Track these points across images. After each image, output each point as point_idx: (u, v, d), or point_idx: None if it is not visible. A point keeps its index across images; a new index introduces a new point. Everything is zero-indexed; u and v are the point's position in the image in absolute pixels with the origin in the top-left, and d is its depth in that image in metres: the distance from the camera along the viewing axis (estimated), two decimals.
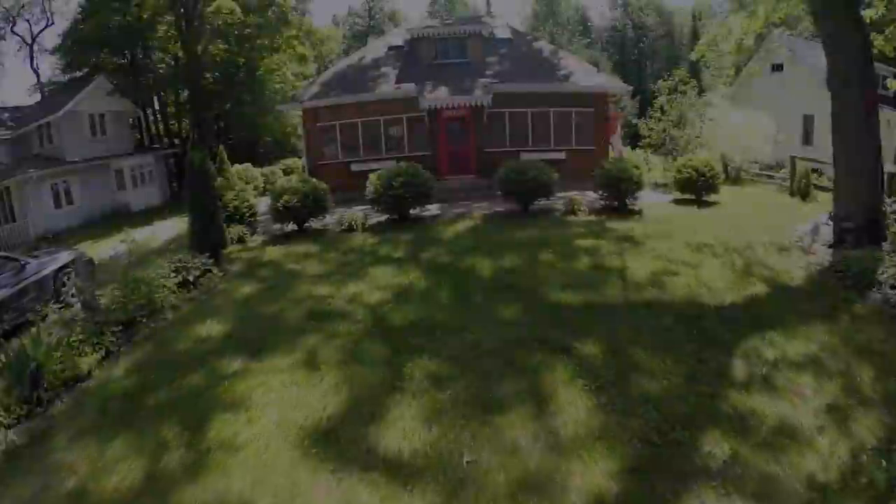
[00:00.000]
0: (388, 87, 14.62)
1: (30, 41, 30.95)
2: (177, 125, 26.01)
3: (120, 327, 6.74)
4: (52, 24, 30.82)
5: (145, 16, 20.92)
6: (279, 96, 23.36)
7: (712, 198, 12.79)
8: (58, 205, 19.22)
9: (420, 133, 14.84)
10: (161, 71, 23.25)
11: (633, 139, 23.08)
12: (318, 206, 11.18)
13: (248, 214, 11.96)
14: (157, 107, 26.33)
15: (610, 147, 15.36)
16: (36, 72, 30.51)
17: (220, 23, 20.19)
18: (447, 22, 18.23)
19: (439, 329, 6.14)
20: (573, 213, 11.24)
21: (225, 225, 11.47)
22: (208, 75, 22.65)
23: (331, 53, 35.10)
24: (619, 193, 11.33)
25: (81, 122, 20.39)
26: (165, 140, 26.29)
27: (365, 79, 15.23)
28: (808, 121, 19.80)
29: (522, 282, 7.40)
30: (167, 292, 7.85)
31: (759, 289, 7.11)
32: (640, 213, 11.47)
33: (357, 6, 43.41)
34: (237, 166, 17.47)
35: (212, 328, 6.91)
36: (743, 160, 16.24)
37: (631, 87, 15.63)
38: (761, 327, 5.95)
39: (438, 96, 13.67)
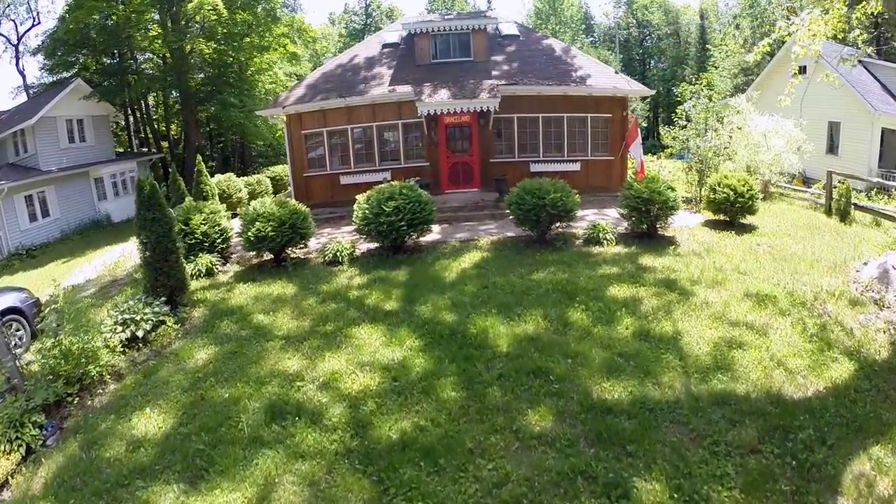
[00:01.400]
0: (381, 89, 12.42)
1: (15, 41, 28.58)
2: (165, 128, 23.71)
3: (44, 416, 5.20)
4: (39, 23, 28.41)
5: (132, 14, 18.51)
6: (271, 97, 21.04)
7: (747, 219, 10.74)
8: (33, 218, 17.10)
9: (418, 141, 12.71)
10: (147, 71, 20.86)
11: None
12: (298, 235, 9.14)
13: (219, 241, 9.91)
14: (143, 109, 23.98)
15: (629, 156, 13.24)
16: (22, 73, 28.27)
17: (202, 20, 17.82)
18: (447, 17, 15.91)
19: (443, 452, 4.15)
20: (598, 241, 9.20)
21: (192, 256, 9.49)
22: (195, 76, 20.31)
23: (327, 52, 32.53)
24: (651, 218, 9.27)
25: (57, 128, 18.17)
26: (153, 143, 24.01)
27: (356, 80, 13.02)
28: (833, 128, 17.46)
29: (551, 362, 5.39)
30: (108, 355, 6.25)
31: (844, 369, 5.22)
32: (674, 241, 9.38)
33: (353, 3, 40.57)
34: (219, 176, 15.34)
35: (150, 424, 5.01)
36: (771, 172, 14.09)
37: (653, 91, 13.36)
38: (861, 436, 4.26)
39: (438, 100, 11.51)
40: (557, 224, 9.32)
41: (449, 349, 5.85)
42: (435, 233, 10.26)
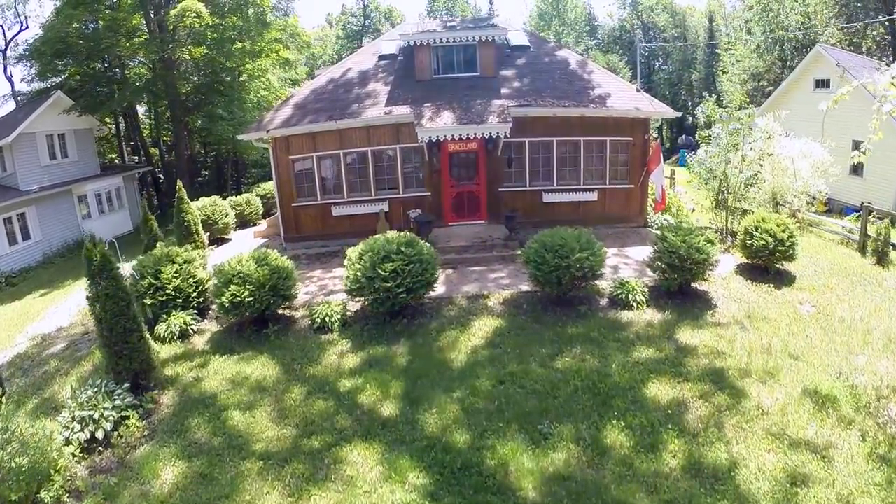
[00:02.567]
0: (377, 110, 10.53)
1: (3, 47, 26.37)
2: (156, 136, 21.72)
3: None
4: (26, 27, 26.08)
5: (120, 19, 16.42)
6: (265, 104, 19.00)
7: (784, 264, 8.95)
8: (13, 241, 15.25)
9: (418, 168, 10.88)
10: (134, 81, 18.79)
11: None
12: (280, 297, 7.40)
13: (195, 295, 8.18)
14: (129, 120, 21.90)
15: (650, 184, 11.38)
16: (10, 80, 26.01)
17: (189, 28, 15.79)
18: (450, 24, 13.85)
19: None
20: (626, 303, 7.48)
21: (164, 314, 7.79)
22: (185, 83, 18.29)
23: (324, 54, 30.28)
24: (686, 275, 7.58)
25: (37, 144, 16.21)
26: (145, 152, 22.00)
27: (349, 99, 11.12)
28: (857, 148, 15.45)
29: None
30: (66, 460, 5.06)
31: None
32: (709, 300, 7.77)
33: (351, 4, 37.92)
34: (203, 200, 13.49)
35: None
36: (800, 202, 12.18)
37: (679, 113, 11.37)
38: None
39: (441, 125, 9.65)
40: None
41: (462, 492, 4.19)
42: (439, 282, 8.53)
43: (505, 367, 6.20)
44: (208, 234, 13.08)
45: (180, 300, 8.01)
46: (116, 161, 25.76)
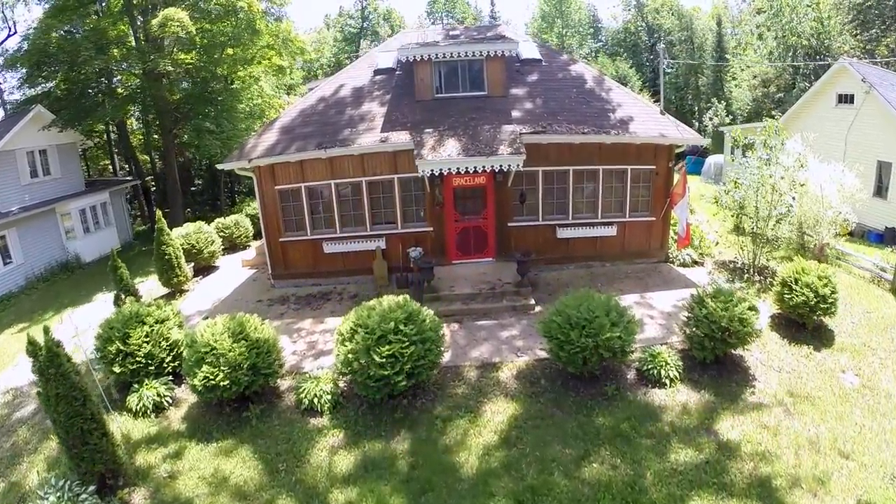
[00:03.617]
0: (372, 136, 8.94)
1: None
2: (146, 146, 19.95)
3: None
4: (14, 33, 24.02)
5: (101, 28, 14.56)
6: (258, 111, 17.16)
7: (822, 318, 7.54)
8: None
9: (418, 200, 9.35)
10: (121, 91, 16.92)
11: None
12: (262, 377, 5.95)
13: (169, 360, 6.76)
14: (113, 131, 20.02)
15: (673, 216, 9.83)
16: None
17: (170, 36, 14.00)
18: (453, 33, 12.08)
19: None
20: (657, 380, 6.10)
21: (135, 383, 6.44)
22: (174, 91, 16.48)
23: (321, 57, 28.11)
24: (724, 347, 6.23)
25: (17, 162, 14.47)
26: (132, 164, 20.20)
27: (340, 122, 9.51)
28: (883, 169, 13.73)
29: None
30: None
31: None
32: (747, 371, 6.46)
33: (349, 6, 35.38)
34: (188, 226, 11.92)
35: None
36: (829, 233, 10.59)
37: (706, 140, 9.70)
38: None
39: (444, 156, 8.09)
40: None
41: None
42: (443, 342, 7.09)
43: (524, 479, 4.86)
44: (192, 263, 11.58)
45: (153, 367, 6.65)
46: (109, 168, 24.00)
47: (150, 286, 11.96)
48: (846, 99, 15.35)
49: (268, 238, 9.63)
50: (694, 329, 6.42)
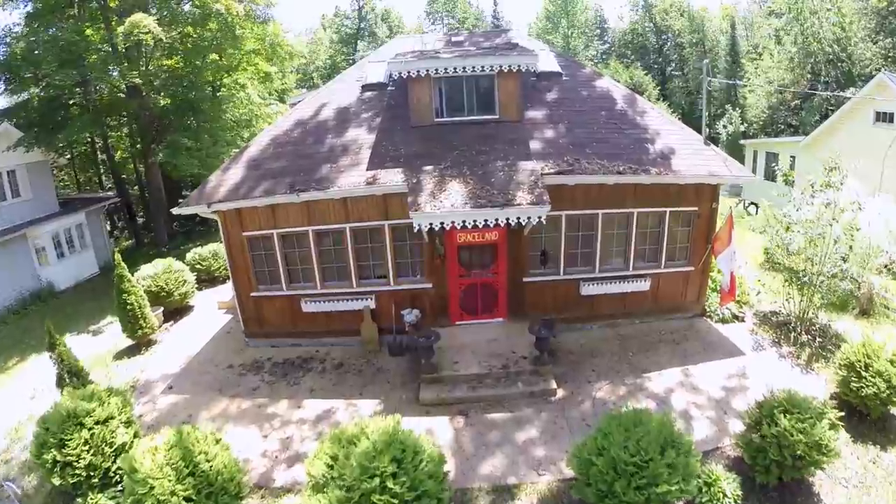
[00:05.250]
0: (356, 175, 6.77)
1: None
2: (133, 161, 17.56)
3: None
4: None
5: (70, 40, 12.07)
6: (245, 121, 14.71)
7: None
8: None
9: (415, 251, 7.21)
10: (98, 102, 14.40)
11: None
12: None
13: (115, 469, 4.86)
14: (96, 143, 17.50)
15: (714, 262, 7.70)
16: None
17: (139, 44, 11.54)
18: (455, 40, 9.68)
19: None
20: None
21: (77, 496, 4.40)
22: (154, 102, 14.04)
23: (317, 59, 25.18)
24: (793, 473, 4.36)
25: None
26: (113, 177, 17.76)
27: (319, 154, 7.28)
28: None
29: None
30: None
31: None
32: (811, 492, 4.55)
33: (345, 6, 31.87)
34: (157, 263, 9.79)
35: None
36: (881, 281, 8.41)
37: (755, 176, 7.45)
38: None
39: (447, 207, 5.96)
40: None
41: None
42: (445, 445, 5.13)
43: None
44: (162, 308, 9.53)
45: (96, 479, 4.85)
46: (95, 179, 21.52)
47: (118, 329, 9.96)
48: (885, 117, 12.95)
49: (238, 293, 7.54)
50: (757, 447, 4.54)
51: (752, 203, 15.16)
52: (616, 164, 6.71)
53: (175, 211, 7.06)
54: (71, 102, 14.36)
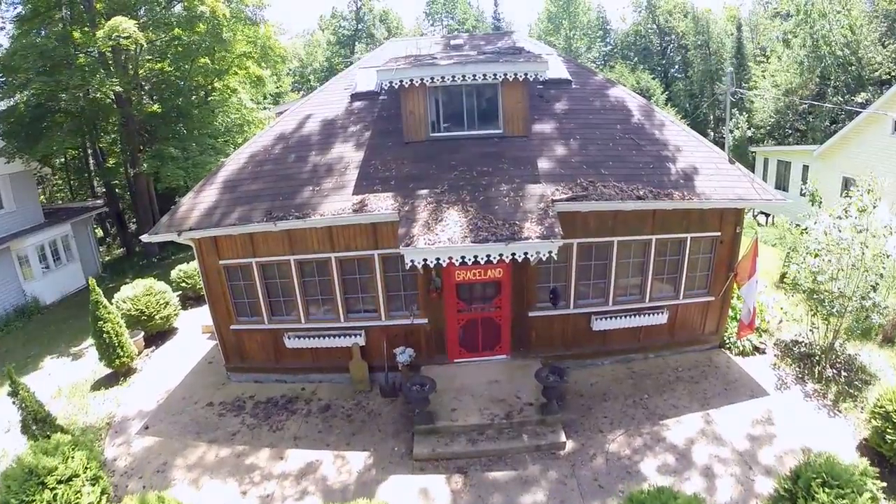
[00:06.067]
0: (340, 200, 5.82)
1: None
2: (125, 168, 16.53)
3: None
4: None
5: (48, 45, 11.01)
6: (237, 126, 13.64)
7: None
8: None
9: (408, 283, 6.25)
10: (82, 109, 13.30)
11: None
12: None
13: None
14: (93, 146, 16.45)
15: (737, 292, 6.75)
16: None
17: (119, 49, 10.47)
18: (455, 43, 8.64)
19: None
20: None
21: None
22: (142, 107, 12.99)
23: (314, 61, 23.89)
24: None
25: None
26: (103, 184, 16.70)
27: (301, 175, 6.32)
28: None
29: None
30: None
31: None
32: None
33: (342, 7, 30.21)
34: (137, 284, 8.87)
35: None
36: None
37: (789, 200, 6.46)
38: None
39: (444, 242, 5.03)
40: None
41: None
42: None
43: None
44: (143, 333, 8.66)
45: None
46: (86, 187, 20.46)
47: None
48: None
49: (217, 325, 6.62)
50: None
51: (762, 212, 14.21)
52: (635, 186, 5.76)
53: (145, 238, 6.13)
54: (56, 110, 13.35)
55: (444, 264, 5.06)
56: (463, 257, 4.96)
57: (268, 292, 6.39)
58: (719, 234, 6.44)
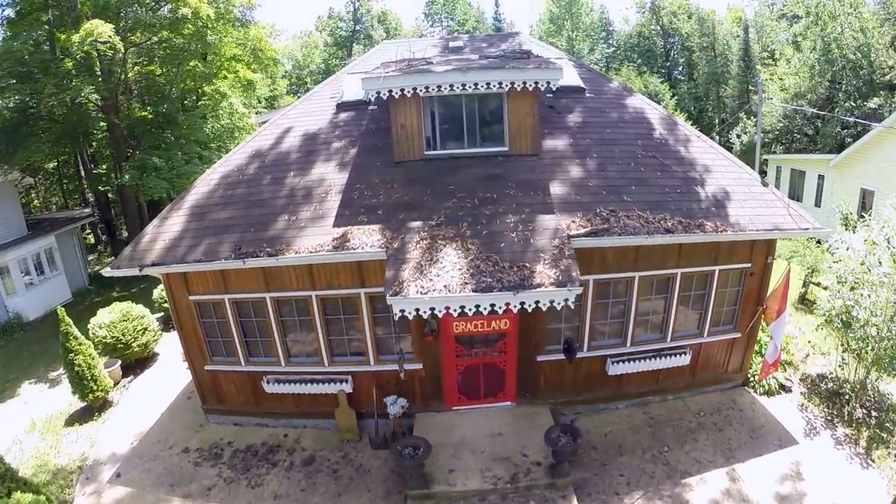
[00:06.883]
0: (320, 234, 4.88)
1: None
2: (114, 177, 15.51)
3: None
4: None
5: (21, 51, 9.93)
6: (227, 132, 12.60)
7: None
8: None
9: (401, 324, 5.15)
10: (63, 117, 12.23)
11: None
12: None
13: None
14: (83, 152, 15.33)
15: (765, 331, 5.82)
16: None
17: (94, 54, 9.43)
18: (454, 45, 7.62)
19: None
20: None
21: None
22: (129, 113, 11.97)
23: (311, 63, 22.65)
24: None
25: None
26: (88, 191, 15.65)
27: (277, 200, 5.34)
28: None
29: None
30: None
31: None
32: None
33: (339, 7, 28.55)
34: (115, 308, 7.92)
35: None
36: None
37: (829, 230, 5.54)
38: None
39: (439, 290, 4.11)
40: None
41: None
42: None
43: None
44: (120, 361, 7.78)
45: None
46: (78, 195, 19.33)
47: None
48: None
49: (191, 364, 5.73)
50: None
51: None
52: (662, 216, 4.80)
53: (107, 273, 5.21)
54: (38, 117, 12.31)
55: (440, 315, 4.15)
56: (462, 307, 4.05)
57: (243, 332, 5.47)
58: (749, 265, 5.49)
